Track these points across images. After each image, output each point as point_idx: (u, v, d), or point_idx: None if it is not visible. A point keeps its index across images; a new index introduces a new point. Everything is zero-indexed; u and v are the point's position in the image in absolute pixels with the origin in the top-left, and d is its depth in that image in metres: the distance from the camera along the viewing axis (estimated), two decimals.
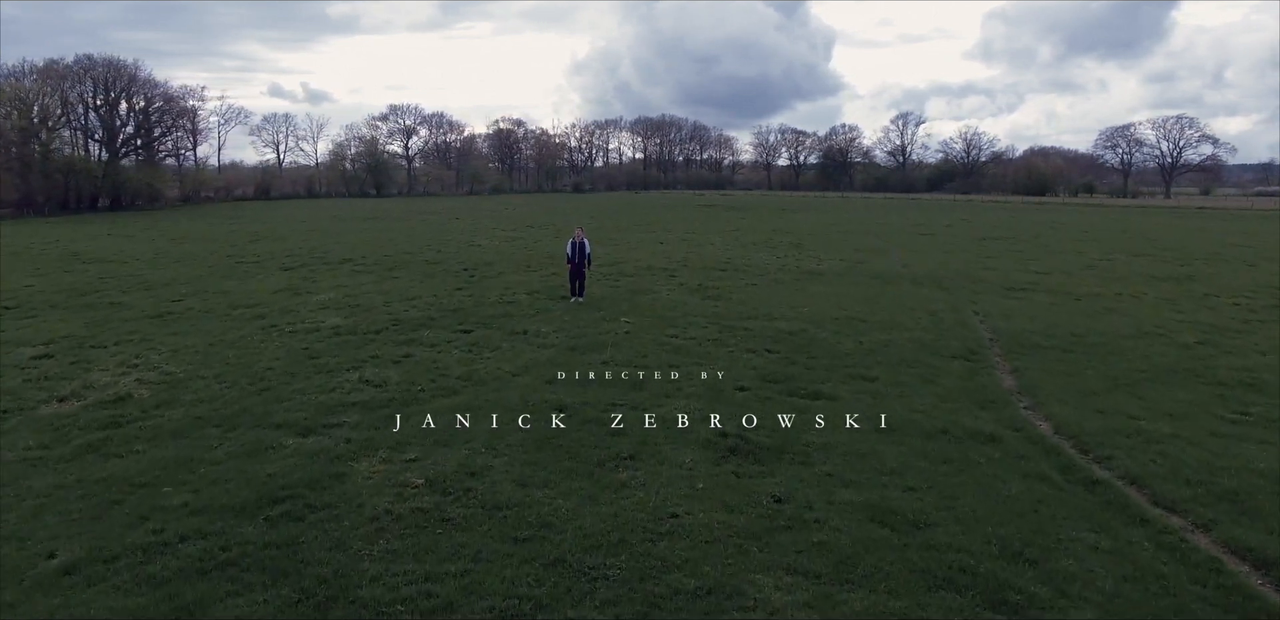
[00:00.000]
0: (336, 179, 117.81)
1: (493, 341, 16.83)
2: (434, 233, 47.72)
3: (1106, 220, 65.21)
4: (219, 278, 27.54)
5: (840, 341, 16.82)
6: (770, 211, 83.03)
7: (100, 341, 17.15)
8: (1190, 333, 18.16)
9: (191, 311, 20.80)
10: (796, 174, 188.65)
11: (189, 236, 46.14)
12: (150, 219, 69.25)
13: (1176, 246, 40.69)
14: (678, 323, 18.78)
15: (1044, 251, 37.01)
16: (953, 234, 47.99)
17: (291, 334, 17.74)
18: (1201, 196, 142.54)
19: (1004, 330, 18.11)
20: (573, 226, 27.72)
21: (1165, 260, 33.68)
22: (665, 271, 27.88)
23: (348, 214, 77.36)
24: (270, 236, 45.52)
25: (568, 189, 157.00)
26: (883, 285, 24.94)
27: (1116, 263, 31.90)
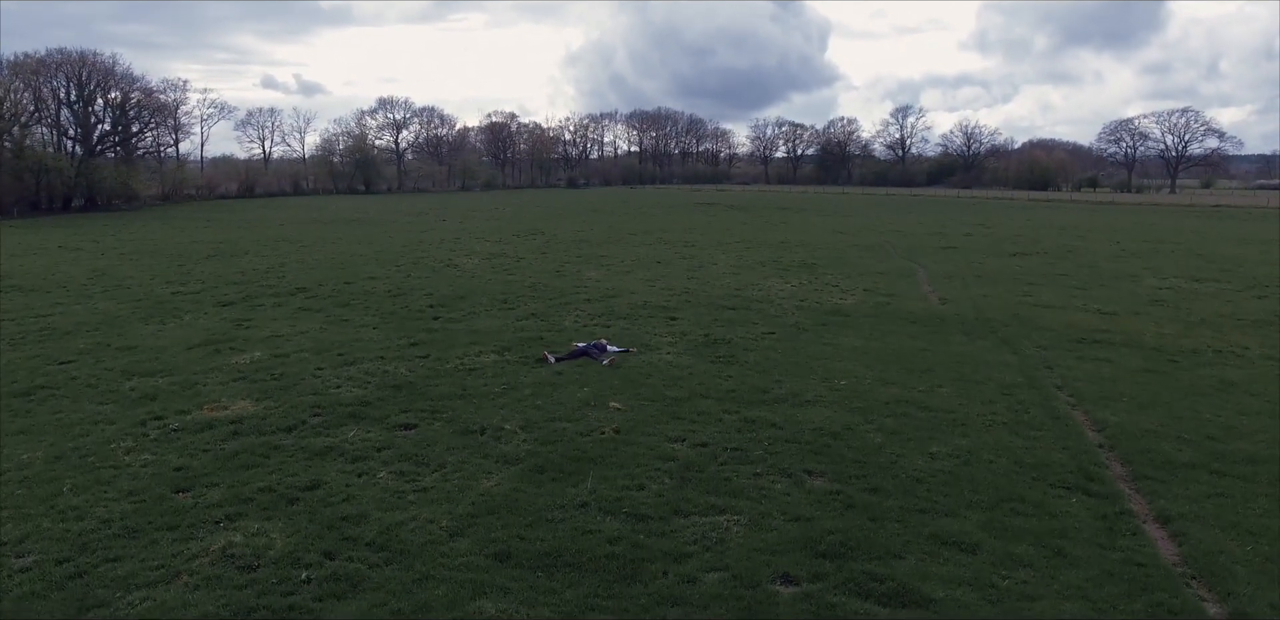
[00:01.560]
0: (324, 175, 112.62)
1: (436, 451, 12.21)
2: (411, 244, 43.05)
3: (1129, 223, 60.72)
4: (139, 319, 22.85)
5: (904, 453, 12.18)
6: (770, 211, 78.54)
7: None
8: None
9: (72, 384, 16.16)
10: (794, 168, 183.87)
11: (142, 250, 41.30)
12: (118, 223, 64.40)
13: (1231, 263, 36.09)
14: (683, 409, 14.18)
15: (1088, 273, 32.50)
16: (976, 246, 43.47)
17: (175, 435, 13.05)
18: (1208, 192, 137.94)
19: (1112, 427, 13.48)
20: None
21: (1236, 286, 29.06)
22: (664, 312, 23.27)
23: (329, 215, 72.75)
24: (229, 250, 40.82)
25: (561, 184, 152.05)
26: (928, 336, 20.32)
27: (1183, 294, 27.37)
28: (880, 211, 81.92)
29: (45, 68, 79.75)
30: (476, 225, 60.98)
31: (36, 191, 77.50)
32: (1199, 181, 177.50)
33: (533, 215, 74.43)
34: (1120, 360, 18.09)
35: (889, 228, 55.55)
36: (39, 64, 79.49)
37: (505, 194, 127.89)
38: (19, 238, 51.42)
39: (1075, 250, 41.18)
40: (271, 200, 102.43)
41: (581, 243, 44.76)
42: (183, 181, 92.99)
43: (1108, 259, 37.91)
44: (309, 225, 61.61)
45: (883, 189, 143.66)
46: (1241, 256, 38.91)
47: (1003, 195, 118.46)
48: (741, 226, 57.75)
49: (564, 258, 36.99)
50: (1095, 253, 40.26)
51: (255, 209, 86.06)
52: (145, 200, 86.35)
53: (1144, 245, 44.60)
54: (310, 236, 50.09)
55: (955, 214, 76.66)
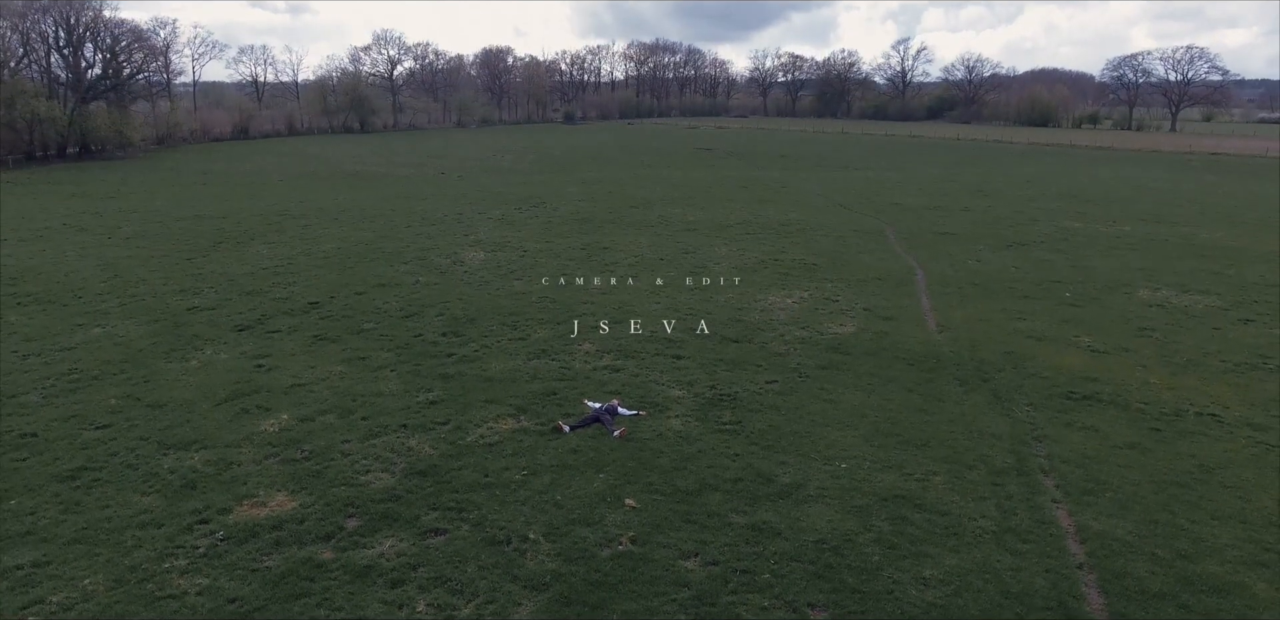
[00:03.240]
0: (318, 114, 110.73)
1: (469, 573, 13.46)
2: (414, 224, 43.11)
3: (1127, 192, 60.67)
4: (161, 355, 23.60)
5: (900, 579, 13.34)
6: (769, 163, 77.91)
7: None
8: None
9: (112, 462, 17.17)
10: (793, 100, 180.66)
11: (146, 232, 41.51)
12: (116, 178, 63.92)
13: (1226, 259, 36.70)
14: (694, 509, 15.48)
15: (1082, 280, 33.08)
16: (973, 229, 43.83)
17: (223, 548, 14.05)
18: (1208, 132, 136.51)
19: (1093, 538, 14.64)
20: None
21: (1227, 301, 29.85)
22: (670, 348, 24.01)
23: (327, 167, 72.08)
24: (234, 233, 41.09)
25: (558, 119, 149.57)
26: (925, 387, 21.48)
27: (1173, 316, 28.17)
28: (879, 165, 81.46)
29: (33, 10, 77.46)
30: (476, 185, 60.72)
31: (30, 141, 76.55)
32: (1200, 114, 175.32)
33: (530, 167, 73.99)
34: (1106, 428, 18.97)
35: (888, 199, 55.57)
36: (26, 6, 77.18)
37: (502, 132, 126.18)
38: (19, 205, 51.32)
39: (1071, 239, 41.52)
40: (267, 143, 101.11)
41: (583, 223, 44.95)
42: (176, 125, 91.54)
43: (1103, 253, 38.38)
44: (308, 186, 61.31)
45: (882, 126, 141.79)
46: (1238, 250, 39.36)
47: (1003, 138, 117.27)
48: (741, 196, 57.64)
49: (567, 252, 37.24)
50: (1092, 243, 40.63)
51: (251, 156, 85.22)
52: (140, 146, 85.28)
53: (1141, 229, 44.90)
54: (312, 209, 50.04)
55: (954, 170, 76.29)
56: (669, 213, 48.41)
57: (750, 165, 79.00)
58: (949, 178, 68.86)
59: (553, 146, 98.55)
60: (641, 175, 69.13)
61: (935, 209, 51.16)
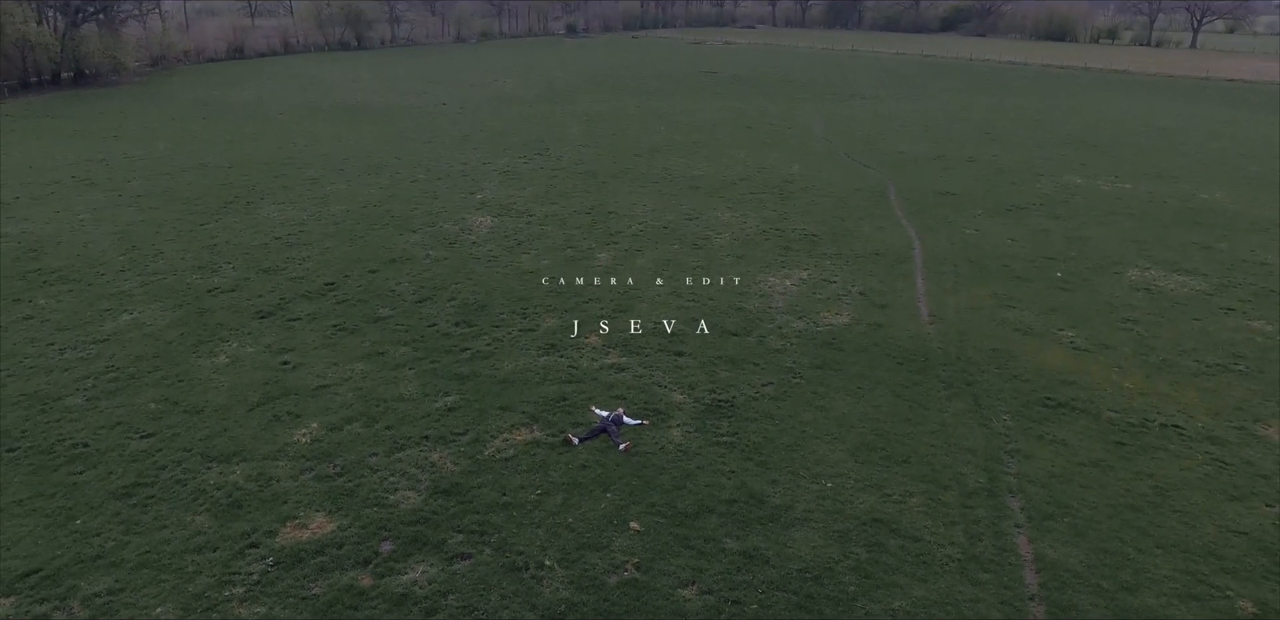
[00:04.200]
0: (313, 28, 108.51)
1: (492, 601, 15.50)
2: (419, 179, 43.88)
3: (1136, 126, 60.75)
4: (190, 348, 25.22)
5: (873, 611, 15.27)
6: (773, 90, 77.37)
7: None
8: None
9: (162, 477, 18.97)
10: (803, 10, 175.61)
11: (155, 190, 42.41)
12: (115, 112, 63.88)
13: (1222, 227, 37.80)
14: (692, 533, 17.36)
15: (1076, 254, 34.30)
16: (976, 188, 44.57)
17: (274, 576, 16.11)
18: (1228, 48, 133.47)
19: (1047, 568, 16.65)
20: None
21: (1213, 283, 31.27)
22: (671, 344, 25.60)
23: (328, 98, 71.68)
24: (244, 191, 41.92)
25: (560, 31, 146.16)
26: (912, 391, 23.25)
27: (1157, 302, 29.61)
28: (887, 93, 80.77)
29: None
30: (478, 122, 60.83)
31: (24, 68, 75.99)
32: (1223, 25, 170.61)
33: (531, 96, 73.61)
34: (1075, 442, 20.76)
35: (892, 146, 55.86)
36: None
37: (502, 49, 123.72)
38: (23, 148, 51.84)
39: (1070, 202, 42.34)
40: (262, 64, 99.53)
41: (587, 178, 45.65)
42: (170, 46, 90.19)
43: (1100, 220, 39.35)
44: (309, 123, 61.41)
45: (893, 41, 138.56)
46: (1234, 216, 40.27)
47: (1016, 59, 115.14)
48: (745, 139, 57.84)
49: (572, 219, 38.18)
50: (1090, 207, 41.48)
51: (247, 80, 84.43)
52: (134, 70, 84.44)
53: (1142, 188, 45.56)
54: (316, 155, 50.56)
55: (963, 102, 75.74)
56: (672, 164, 48.94)
57: (754, 94, 78.38)
58: (957, 114, 68.58)
59: (554, 69, 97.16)
60: (646, 109, 68.77)
61: (939, 159, 51.60)
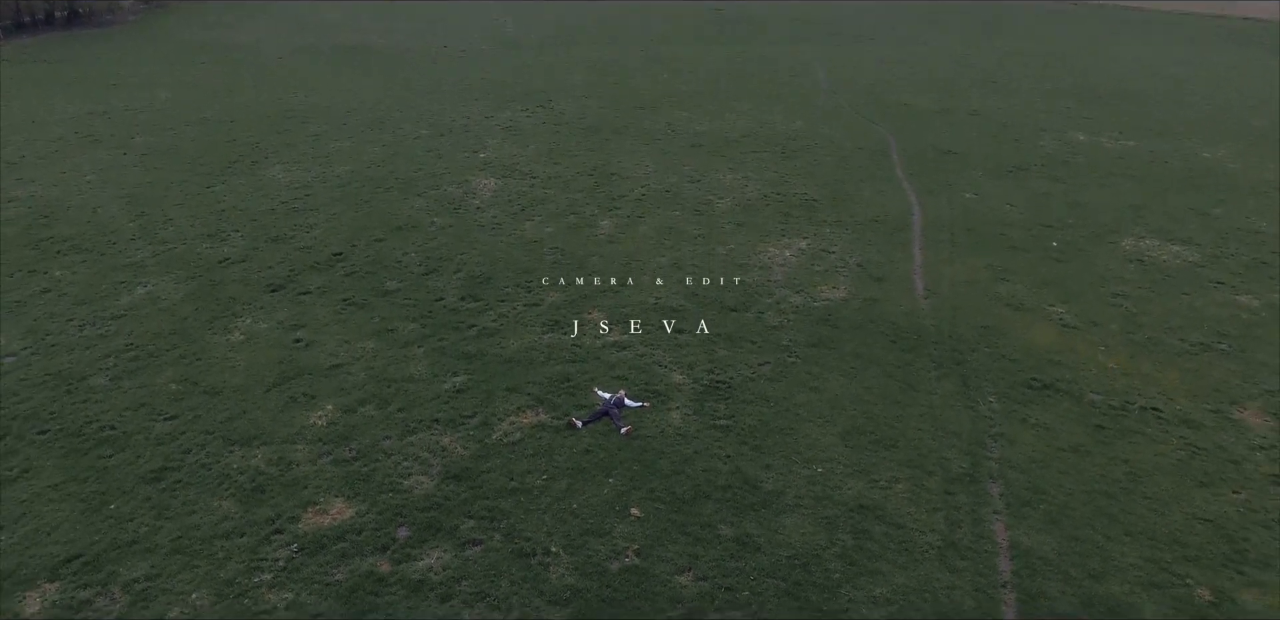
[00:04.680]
0: None
1: (502, 587, 16.65)
2: (423, 139, 43.97)
3: (1144, 93, 60.04)
4: (205, 324, 26.09)
5: (856, 598, 16.47)
6: (779, 30, 76.06)
7: None
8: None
9: (187, 461, 20.04)
10: None
11: (159, 148, 42.58)
12: (112, 57, 63.15)
13: (1221, 189, 38.09)
14: (689, 518, 18.45)
15: (1073, 220, 34.71)
16: (978, 146, 44.51)
17: (299, 561, 17.29)
18: None
19: (1020, 554, 17.84)
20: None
21: (1205, 254, 31.75)
22: (674, 316, 26.25)
23: (323, 39, 70.57)
24: (246, 149, 42.00)
25: None
26: (903, 371, 24.02)
27: (1149, 275, 30.10)
28: (896, 34, 79.28)
29: None
30: (479, 69, 60.21)
31: (18, 8, 74.86)
32: None
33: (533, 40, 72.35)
34: (1057, 426, 21.73)
35: (896, 97, 55.39)
36: None
37: None
38: (23, 98, 51.63)
39: (1072, 162, 42.37)
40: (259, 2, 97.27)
41: (590, 134, 45.60)
42: None
43: (1100, 182, 39.55)
44: (309, 68, 60.79)
45: None
46: (1234, 176, 40.42)
47: None
48: (749, 89, 57.28)
49: (575, 181, 38.37)
50: (1092, 168, 41.54)
51: (245, 21, 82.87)
52: (129, 8, 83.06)
53: (1145, 146, 45.44)
54: (318, 107, 50.35)
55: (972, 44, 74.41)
56: (675, 119, 48.75)
57: (759, 38, 77.04)
58: (965, 59, 67.50)
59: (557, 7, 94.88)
60: (650, 55, 67.70)
61: (943, 113, 51.31)
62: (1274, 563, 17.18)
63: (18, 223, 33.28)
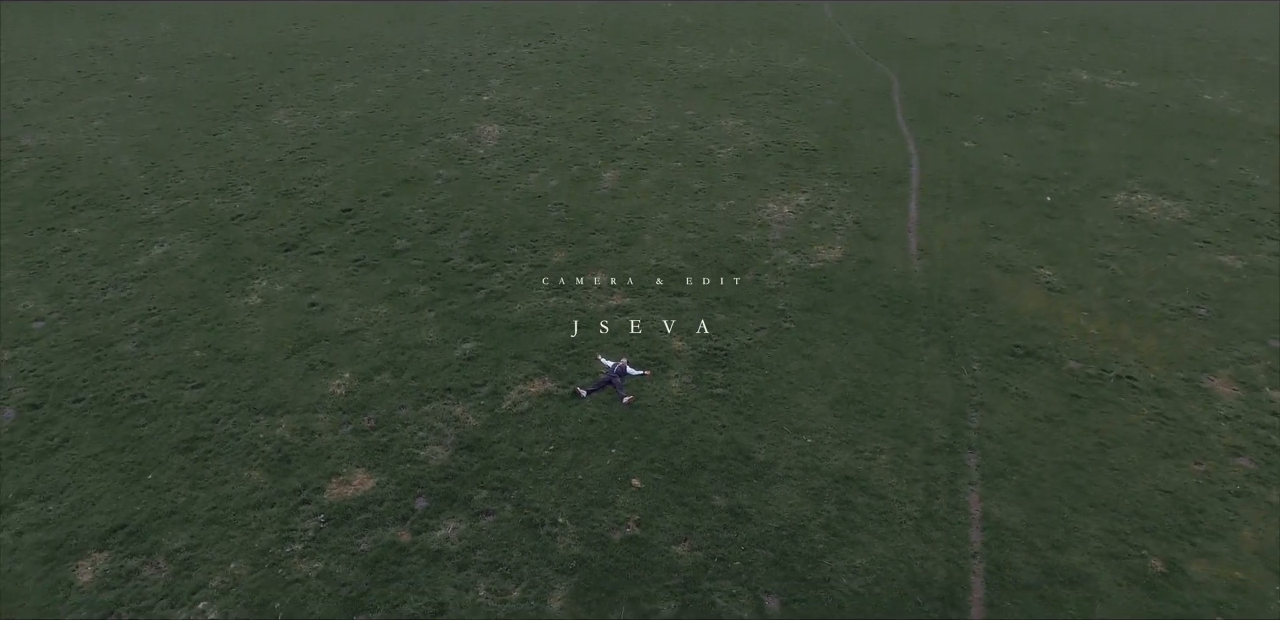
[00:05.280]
0: None
1: (514, 556, 17.94)
2: (426, 78, 43.50)
3: (1152, 27, 58.49)
4: (222, 286, 26.90)
5: (837, 567, 17.81)
6: None
7: None
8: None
9: (216, 430, 21.22)
10: None
11: (162, 91, 42.18)
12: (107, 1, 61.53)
13: (1218, 137, 38.01)
14: (686, 489, 19.52)
15: (1070, 173, 34.80)
16: (979, 94, 43.93)
17: (326, 532, 18.58)
18: None
19: (991, 525, 18.90)
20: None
21: (1195, 210, 31.98)
22: (674, 279, 26.98)
23: None
24: (250, 89, 41.66)
25: None
26: (893, 337, 24.66)
27: (1138, 233, 30.38)
28: None
29: None
30: None
31: None
32: None
33: None
34: (1035, 395, 22.71)
35: (901, 31, 54.14)
36: None
37: None
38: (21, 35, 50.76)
39: (1072, 106, 41.92)
40: None
41: (593, 74, 45.02)
42: None
43: (1099, 129, 39.35)
44: None
45: None
46: (1234, 122, 40.10)
47: None
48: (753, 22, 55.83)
49: (578, 128, 38.14)
50: (1092, 112, 41.10)
51: None
52: None
53: (1147, 86, 44.77)
54: (318, 41, 49.36)
55: None
56: (678, 55, 47.95)
57: None
58: None
59: None
60: None
61: (948, 48, 50.36)
62: (1225, 534, 18.38)
63: (31, 174, 33.54)
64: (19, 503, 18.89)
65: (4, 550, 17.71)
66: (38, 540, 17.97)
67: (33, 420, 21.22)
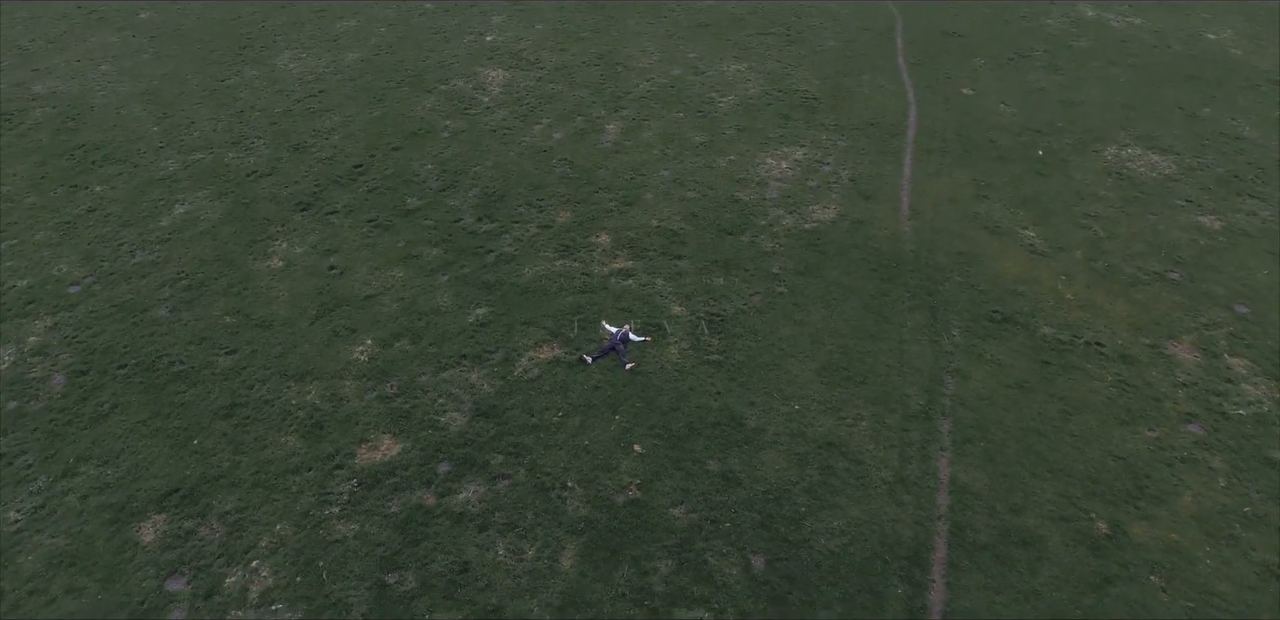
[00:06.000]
0: None
1: (529, 517, 19.98)
2: (428, 16, 43.25)
3: None
4: (244, 248, 28.13)
5: (817, 529, 19.96)
6: None
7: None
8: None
9: (251, 397, 22.98)
10: None
11: (165, 28, 42.08)
12: None
13: (1214, 86, 38.29)
14: (684, 454, 21.38)
15: (1064, 124, 35.16)
16: (982, 34, 43.49)
17: (360, 495, 20.67)
18: None
19: (957, 490, 20.88)
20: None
21: (1182, 166, 32.63)
22: (674, 241, 28.09)
23: None
24: (254, 31, 41.66)
25: None
26: (879, 301, 25.88)
27: (1123, 192, 31.06)
28: None
29: None
30: None
31: None
32: None
33: None
34: (1009, 361, 24.33)
35: None
36: None
37: None
38: None
39: (1076, 46, 41.57)
40: None
41: (594, 10, 44.58)
42: None
43: (1099, 73, 39.43)
44: None
45: None
46: (1233, 65, 40.00)
47: None
48: None
49: (582, 73, 38.09)
50: (1093, 54, 40.75)
51: None
52: None
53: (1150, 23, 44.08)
54: None
55: None
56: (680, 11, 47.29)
57: None
58: None
59: None
60: None
61: None
62: (1167, 499, 20.39)
63: (46, 126, 34.21)
64: (79, 467, 20.81)
65: (73, 513, 19.72)
66: (102, 503, 19.96)
67: (82, 386, 22.91)
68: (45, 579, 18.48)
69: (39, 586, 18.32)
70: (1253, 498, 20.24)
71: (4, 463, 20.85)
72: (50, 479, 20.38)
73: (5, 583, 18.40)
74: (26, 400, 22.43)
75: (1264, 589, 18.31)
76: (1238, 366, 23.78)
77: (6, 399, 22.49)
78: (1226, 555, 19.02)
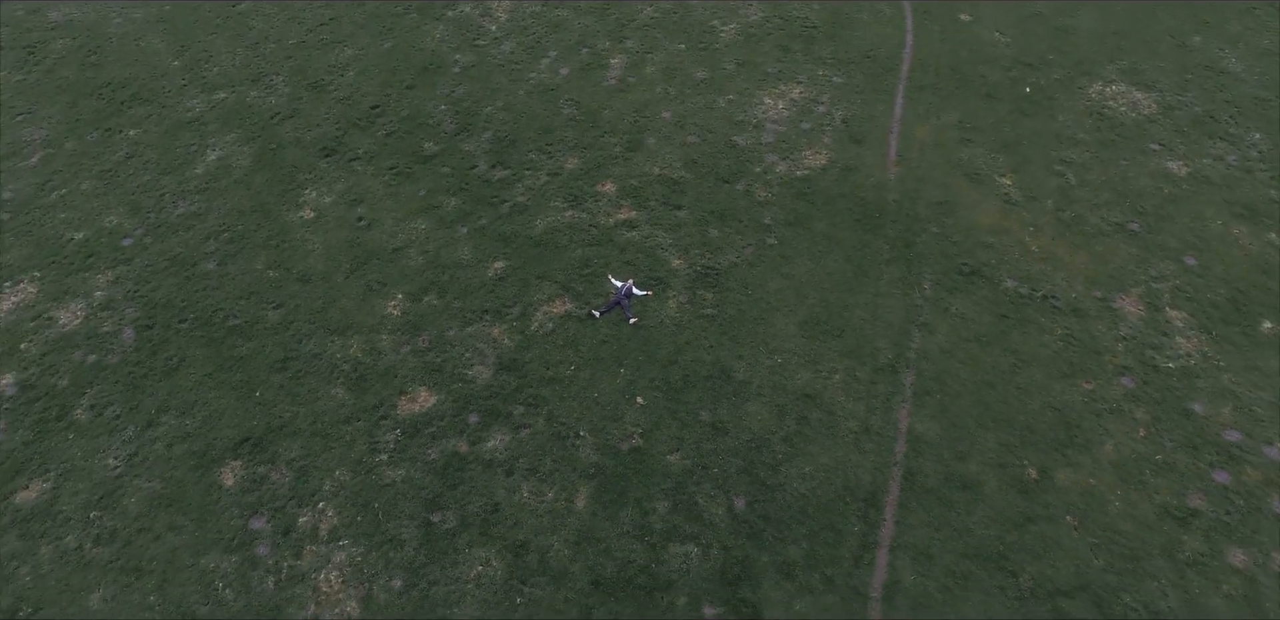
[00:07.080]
0: None
1: (547, 463, 23.01)
2: None
3: None
4: (277, 198, 29.96)
5: (790, 474, 23.28)
6: None
7: None
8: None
9: (301, 351, 25.35)
10: None
11: None
12: None
13: (1200, 19, 38.28)
14: (680, 406, 24.04)
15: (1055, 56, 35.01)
16: None
17: (403, 443, 23.95)
18: None
19: (914, 439, 23.39)
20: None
21: (1164, 101, 33.28)
22: (673, 190, 29.53)
23: None
24: None
25: None
26: (858, 258, 27.52)
27: (1103, 131, 31.93)
28: None
29: None
30: None
31: None
32: None
33: None
34: (972, 315, 26.57)
35: None
36: None
37: None
38: None
39: None
40: None
41: None
42: None
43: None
44: None
45: None
46: None
47: None
48: None
49: None
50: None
51: None
52: None
53: None
54: None
55: None
56: None
57: None
58: None
59: None
60: None
61: None
62: (1091, 447, 23.46)
63: (70, 61, 34.85)
64: (161, 417, 23.85)
65: (162, 460, 22.96)
66: (185, 451, 23.14)
67: (150, 340, 25.57)
68: (149, 518, 21.90)
69: (145, 525, 21.78)
70: (1166, 446, 23.20)
71: (95, 413, 23.79)
72: (138, 429, 23.40)
73: (116, 522, 21.85)
74: (105, 354, 25.10)
75: (1159, 528, 21.67)
76: (1175, 319, 26.07)
77: (86, 352, 25.13)
78: (1133, 498, 22.25)
